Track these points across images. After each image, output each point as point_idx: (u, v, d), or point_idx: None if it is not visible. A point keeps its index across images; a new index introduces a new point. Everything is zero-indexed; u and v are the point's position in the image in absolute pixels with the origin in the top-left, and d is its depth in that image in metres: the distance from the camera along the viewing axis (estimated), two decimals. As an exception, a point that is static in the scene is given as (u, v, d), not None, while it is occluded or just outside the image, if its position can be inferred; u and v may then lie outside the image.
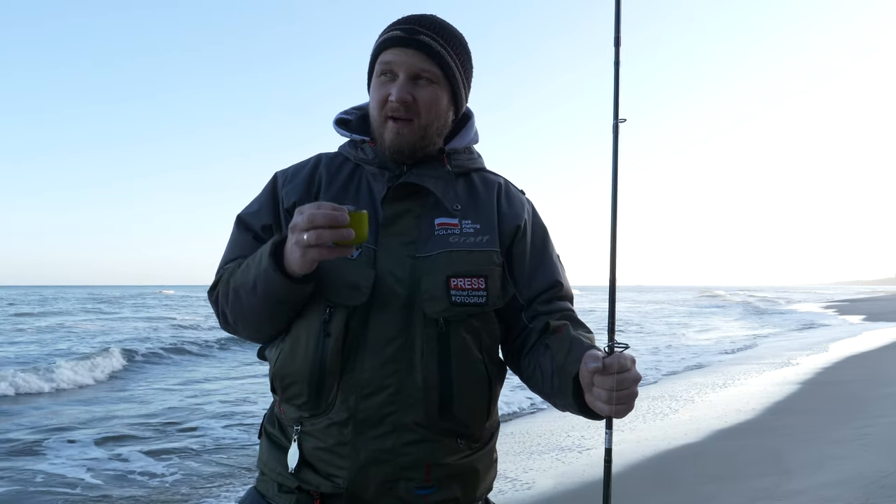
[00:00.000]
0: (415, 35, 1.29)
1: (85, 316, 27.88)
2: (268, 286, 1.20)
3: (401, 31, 1.31)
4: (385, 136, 1.32)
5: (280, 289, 1.20)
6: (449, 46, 1.32)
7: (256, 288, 1.22)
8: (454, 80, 1.34)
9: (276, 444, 1.34)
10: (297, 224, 1.12)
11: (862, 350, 12.61)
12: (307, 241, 1.10)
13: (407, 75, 1.29)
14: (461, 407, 1.28)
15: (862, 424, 5.79)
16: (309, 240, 1.10)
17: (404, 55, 1.29)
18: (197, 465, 5.38)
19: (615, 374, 1.08)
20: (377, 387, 1.25)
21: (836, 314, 26.93)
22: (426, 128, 1.32)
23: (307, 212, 1.11)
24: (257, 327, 1.32)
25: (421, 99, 1.29)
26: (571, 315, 1.37)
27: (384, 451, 1.24)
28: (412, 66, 1.29)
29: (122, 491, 4.70)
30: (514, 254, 1.37)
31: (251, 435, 6.20)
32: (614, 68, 1.25)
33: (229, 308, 1.30)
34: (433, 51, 1.29)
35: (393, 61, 1.29)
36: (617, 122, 1.24)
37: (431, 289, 1.26)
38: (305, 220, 1.10)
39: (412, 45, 1.29)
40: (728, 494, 4.11)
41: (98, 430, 6.57)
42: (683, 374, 10.13)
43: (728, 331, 19.73)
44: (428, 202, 1.33)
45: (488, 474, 1.38)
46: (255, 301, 1.24)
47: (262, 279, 1.20)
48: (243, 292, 1.25)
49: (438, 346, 1.26)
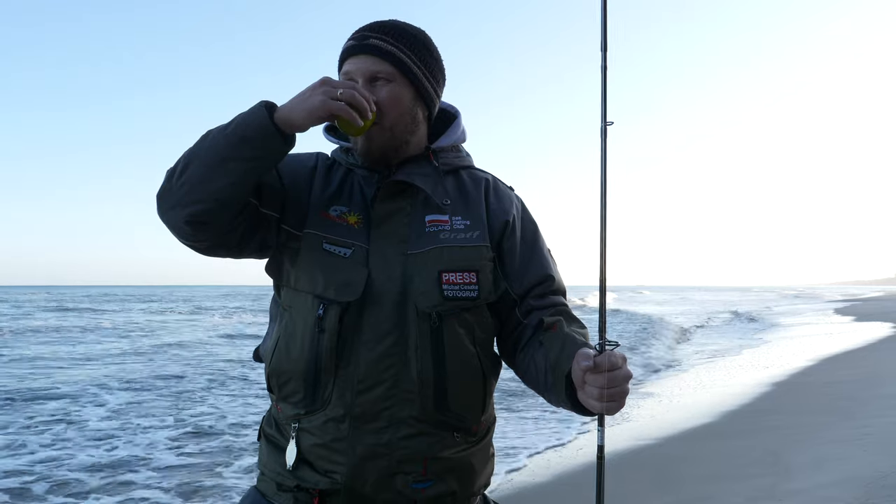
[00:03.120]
0: (364, 41, 1.34)
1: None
2: (247, 122, 1.20)
3: (353, 40, 1.35)
4: (358, 145, 1.36)
5: (257, 128, 1.19)
6: (401, 44, 1.34)
7: (230, 126, 1.21)
8: (412, 76, 1.35)
9: (274, 445, 1.36)
10: (333, 81, 1.22)
11: (861, 350, 12.61)
12: (341, 94, 1.20)
13: (364, 79, 1.33)
14: (456, 400, 1.30)
15: (861, 424, 5.79)
16: (345, 94, 1.20)
17: (358, 61, 1.33)
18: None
19: (606, 372, 1.10)
20: (373, 382, 1.27)
21: (834, 314, 26.92)
22: (392, 127, 1.34)
23: (347, 82, 1.23)
24: (203, 173, 1.20)
25: (381, 99, 1.32)
26: (565, 310, 1.39)
27: (381, 445, 1.26)
28: (366, 69, 1.33)
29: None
30: (505, 249, 1.38)
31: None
32: (601, 73, 1.28)
33: (188, 152, 1.24)
34: (383, 51, 1.33)
35: (350, 70, 1.34)
36: (605, 125, 1.26)
37: (424, 284, 1.29)
38: (347, 83, 1.22)
39: (364, 50, 1.33)
40: (727, 494, 4.12)
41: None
42: (681, 374, 10.12)
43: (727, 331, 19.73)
44: (418, 199, 1.36)
45: (485, 469, 1.40)
46: (221, 139, 1.20)
47: (242, 117, 1.21)
48: (214, 132, 1.23)
49: (432, 341, 1.28)
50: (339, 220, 1.34)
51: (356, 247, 1.31)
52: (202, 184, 1.21)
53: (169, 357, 13.41)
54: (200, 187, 1.21)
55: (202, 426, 6.73)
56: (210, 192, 1.21)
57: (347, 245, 1.31)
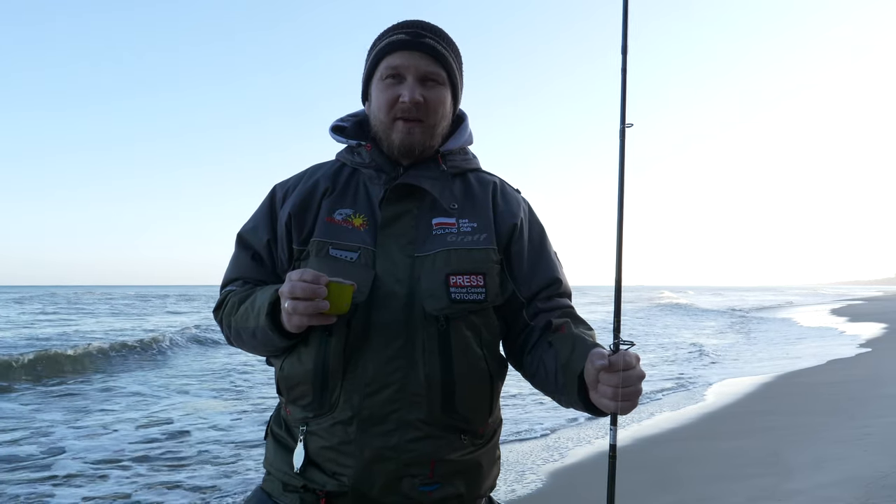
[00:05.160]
0: (420, 38, 1.34)
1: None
2: (265, 338, 1.30)
3: (405, 34, 1.34)
4: (393, 136, 1.35)
5: (277, 342, 1.29)
6: (450, 51, 1.38)
7: (256, 335, 1.32)
8: (455, 83, 1.40)
9: (282, 445, 1.36)
10: (282, 292, 1.19)
11: (860, 350, 12.62)
12: (288, 310, 1.18)
13: (416, 77, 1.33)
14: (463, 402, 1.30)
15: (861, 424, 5.80)
16: (288, 309, 1.17)
17: (412, 58, 1.33)
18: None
19: (621, 371, 1.11)
20: (380, 385, 1.27)
21: (832, 314, 26.95)
22: (434, 128, 1.36)
23: (290, 282, 1.17)
24: (253, 351, 1.41)
25: (430, 100, 1.34)
26: (572, 312, 1.39)
27: (388, 448, 1.26)
28: (420, 68, 1.33)
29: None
30: (513, 252, 1.39)
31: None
32: (622, 75, 1.28)
33: (233, 338, 1.42)
34: (439, 53, 1.34)
35: (401, 64, 1.33)
36: (624, 127, 1.27)
37: (431, 287, 1.29)
38: (287, 290, 1.17)
39: (419, 47, 1.33)
40: (728, 494, 4.12)
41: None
42: (682, 373, 10.12)
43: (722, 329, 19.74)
44: (425, 202, 1.36)
45: (491, 471, 1.40)
46: (255, 343, 1.35)
47: (260, 331, 1.30)
48: (245, 335, 1.35)
49: (439, 343, 1.28)
50: (345, 223, 1.34)
51: (363, 249, 1.31)
52: (254, 352, 1.42)
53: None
54: (255, 353, 1.42)
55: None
56: (263, 353, 1.41)
57: (353, 249, 1.32)
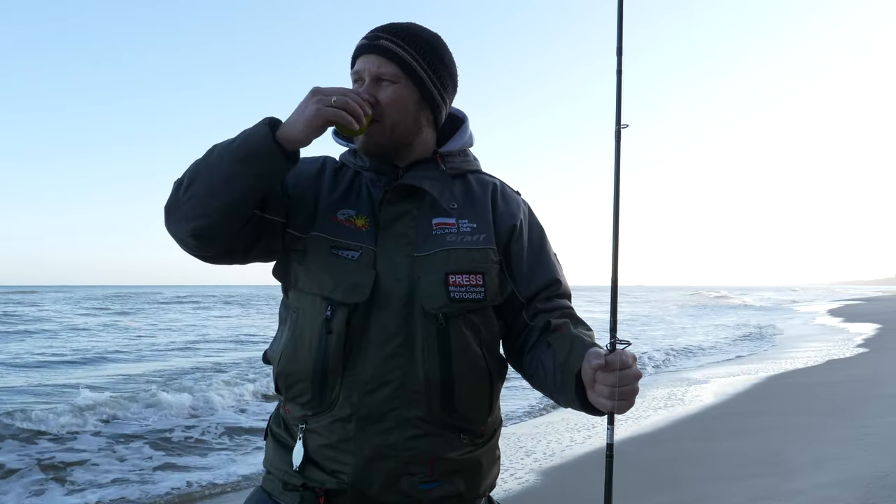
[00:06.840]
0: (375, 41, 1.36)
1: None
2: (251, 140, 1.22)
3: (365, 39, 1.38)
4: (358, 141, 1.37)
5: (260, 146, 1.21)
6: (410, 48, 1.36)
7: (235, 142, 1.23)
8: (418, 79, 1.37)
9: (281, 444, 1.37)
10: (324, 90, 1.22)
11: (860, 351, 12.63)
12: (335, 101, 1.21)
13: (370, 79, 1.35)
14: (462, 401, 1.30)
15: (861, 424, 5.81)
16: (338, 101, 1.21)
17: (366, 61, 1.36)
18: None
19: (617, 370, 1.11)
20: (379, 382, 1.27)
21: (831, 314, 26.94)
22: (393, 127, 1.35)
23: (338, 88, 1.23)
24: (208, 189, 1.22)
25: (383, 99, 1.34)
26: (571, 313, 1.40)
27: (388, 446, 1.27)
28: (373, 69, 1.35)
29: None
30: (512, 253, 1.39)
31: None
32: (616, 76, 1.28)
33: (194, 166, 1.26)
34: (391, 52, 1.35)
35: (359, 69, 1.37)
36: (619, 128, 1.27)
37: (430, 286, 1.29)
38: (337, 90, 1.23)
39: (373, 49, 1.35)
40: (728, 494, 4.13)
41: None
42: (681, 373, 10.14)
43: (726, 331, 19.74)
44: (425, 203, 1.37)
45: (491, 471, 1.40)
46: (226, 155, 1.23)
47: (247, 134, 1.23)
48: (220, 148, 1.25)
49: (439, 342, 1.28)
50: (347, 223, 1.35)
51: (364, 249, 1.32)
52: (208, 199, 1.22)
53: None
54: (206, 202, 1.23)
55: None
56: (215, 207, 1.23)
57: (355, 248, 1.32)
